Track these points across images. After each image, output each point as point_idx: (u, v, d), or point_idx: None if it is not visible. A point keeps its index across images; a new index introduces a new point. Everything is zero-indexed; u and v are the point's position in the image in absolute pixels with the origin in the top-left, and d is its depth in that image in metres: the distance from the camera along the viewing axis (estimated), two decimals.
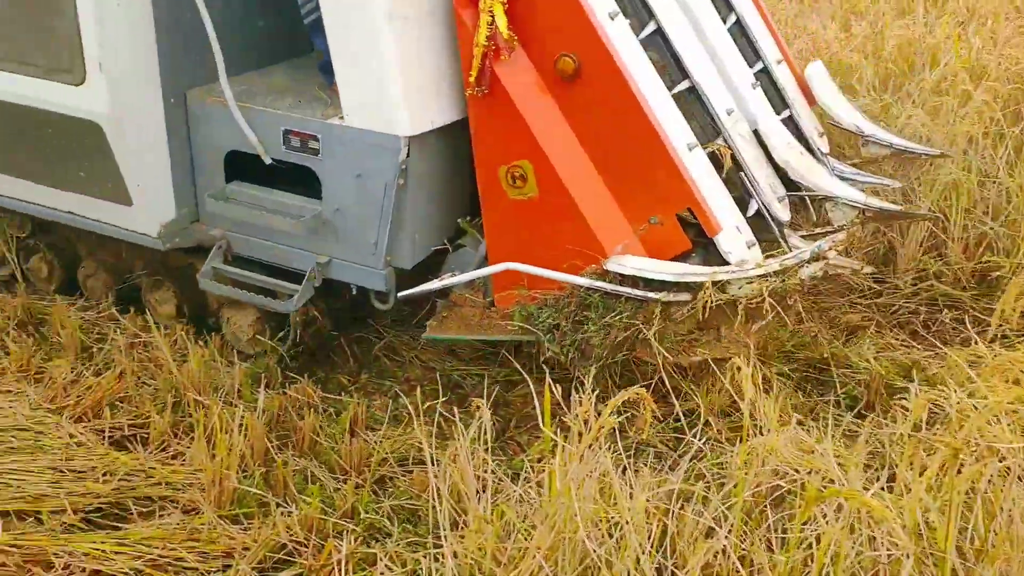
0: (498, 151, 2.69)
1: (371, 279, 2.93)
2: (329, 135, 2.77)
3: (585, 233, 2.63)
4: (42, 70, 2.91)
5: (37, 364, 3.15)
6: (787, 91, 3.24)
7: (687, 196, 2.64)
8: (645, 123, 2.60)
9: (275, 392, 3.05)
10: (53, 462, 2.69)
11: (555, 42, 2.62)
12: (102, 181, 3.01)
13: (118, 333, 3.28)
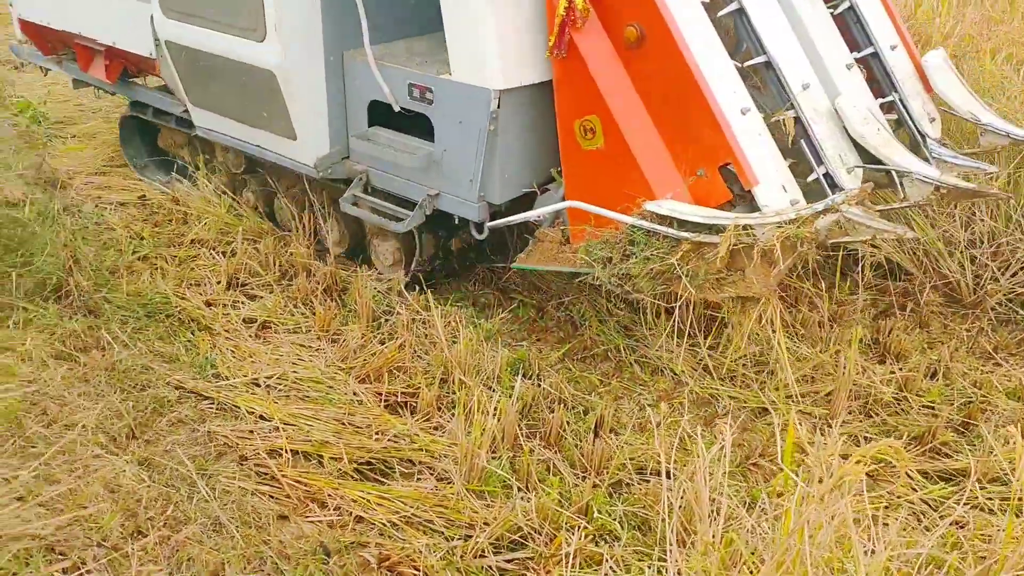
0: (573, 106, 3.08)
1: (467, 210, 3.43)
2: (440, 87, 3.30)
3: (640, 181, 2.97)
4: (237, 30, 3.64)
5: (336, 327, 3.59)
6: (896, 76, 3.45)
7: (727, 151, 2.93)
8: (695, 86, 2.92)
9: (531, 383, 3.24)
10: (337, 415, 3.07)
11: (623, 13, 3.00)
12: (277, 120, 3.72)
13: (403, 308, 3.64)
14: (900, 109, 3.46)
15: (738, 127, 2.96)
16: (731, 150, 2.93)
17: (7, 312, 3.34)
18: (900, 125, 3.49)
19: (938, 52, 3.63)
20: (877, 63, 3.46)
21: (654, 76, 3.01)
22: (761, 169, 2.97)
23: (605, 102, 2.99)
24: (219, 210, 4.36)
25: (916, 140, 3.44)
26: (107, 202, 4.82)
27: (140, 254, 4.17)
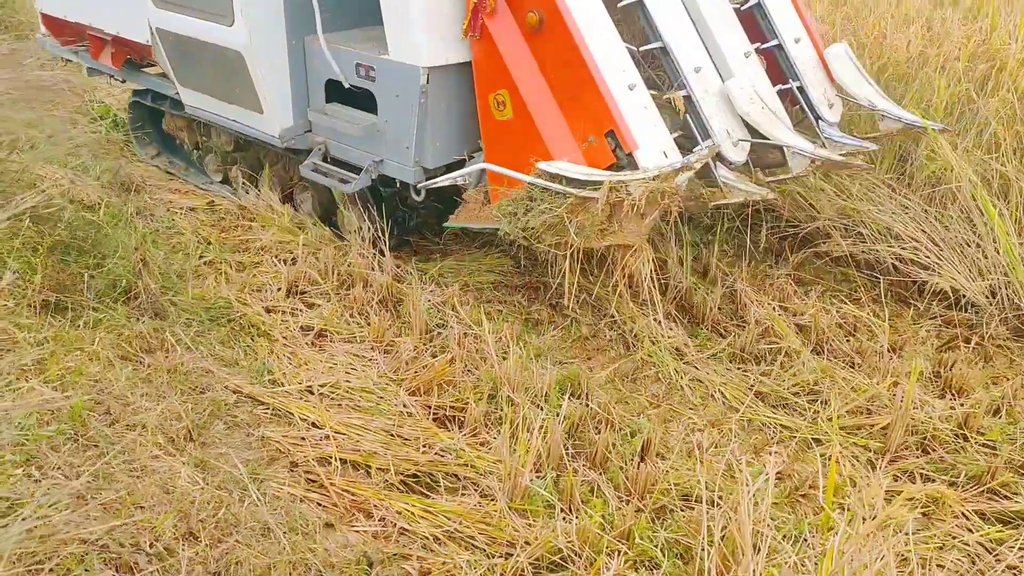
0: (487, 82, 3.56)
1: (406, 174, 3.91)
2: (380, 65, 3.79)
3: (542, 147, 3.42)
4: (211, 15, 4.11)
5: (389, 338, 3.65)
6: (798, 66, 3.87)
7: (610, 120, 3.36)
8: (583, 65, 3.35)
9: (579, 402, 3.25)
10: (386, 425, 3.13)
11: (525, 1, 3.43)
12: (246, 95, 4.21)
13: (455, 322, 3.68)
14: (799, 95, 3.89)
15: (622, 100, 3.39)
16: (613, 119, 3.37)
17: (78, 312, 3.48)
18: (800, 107, 3.93)
19: (840, 45, 4.04)
20: (781, 54, 3.90)
21: (552, 56, 3.46)
22: (641, 136, 3.38)
23: (512, 78, 3.49)
24: (282, 219, 4.47)
25: (815, 121, 3.89)
26: (178, 207, 4.99)
27: (207, 259, 4.30)
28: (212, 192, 5.18)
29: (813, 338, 3.66)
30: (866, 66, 4.67)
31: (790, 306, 3.91)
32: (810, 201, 4.42)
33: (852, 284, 4.23)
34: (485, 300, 4.04)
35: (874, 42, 4.81)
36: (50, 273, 3.48)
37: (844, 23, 5.32)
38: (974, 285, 3.83)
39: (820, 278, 4.29)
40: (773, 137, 3.62)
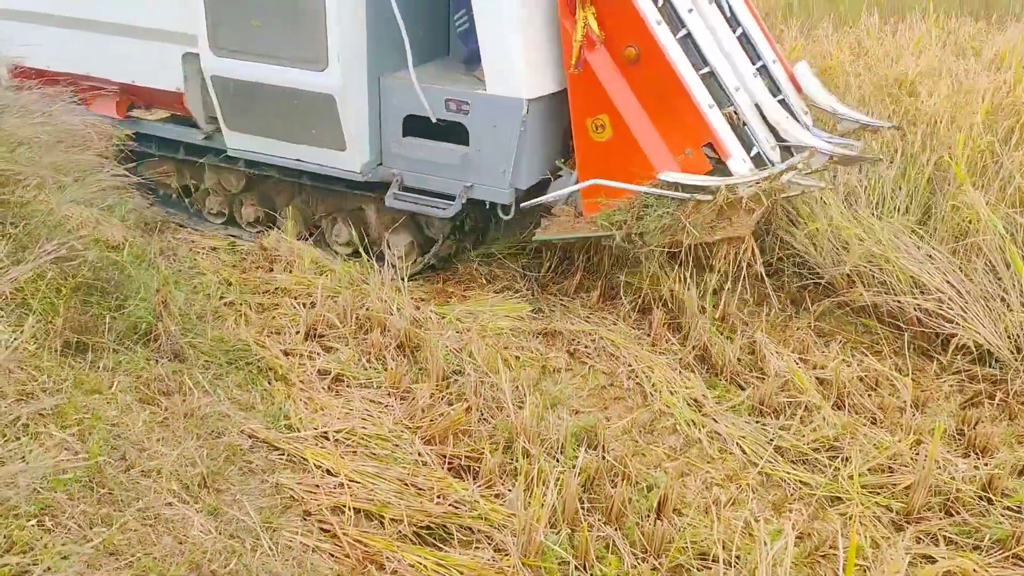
0: (586, 108, 3.99)
1: (500, 196, 4.25)
2: (476, 100, 4.13)
3: (644, 161, 3.92)
4: (298, 61, 4.32)
5: (406, 384, 3.64)
6: (780, 81, 4.40)
7: (708, 133, 3.94)
8: (681, 89, 3.92)
9: (595, 454, 3.22)
10: (401, 474, 3.11)
11: (623, 37, 3.92)
12: (327, 135, 4.43)
13: (472, 369, 3.68)
14: (786, 105, 4.41)
15: (712, 116, 3.96)
16: (712, 132, 3.94)
17: (99, 354, 3.50)
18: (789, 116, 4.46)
19: (802, 63, 4.64)
20: (765, 72, 4.40)
21: (648, 82, 3.96)
22: (731, 146, 3.98)
23: (613, 103, 3.94)
24: (302, 261, 4.50)
25: (803, 125, 4.42)
26: (200, 247, 5.05)
27: (227, 300, 4.33)
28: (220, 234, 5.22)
29: (834, 392, 3.61)
30: (890, 115, 4.67)
31: (810, 358, 3.87)
32: (835, 245, 4.40)
33: (874, 336, 4.18)
34: (502, 346, 4.03)
35: (899, 91, 4.81)
36: (72, 315, 3.51)
37: (865, 72, 5.33)
38: (999, 340, 3.77)
39: (841, 328, 4.25)
40: (799, 142, 4.19)
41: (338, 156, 4.49)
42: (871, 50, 5.91)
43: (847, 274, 4.29)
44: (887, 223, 4.26)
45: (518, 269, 4.78)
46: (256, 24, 4.42)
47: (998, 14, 9.46)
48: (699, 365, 3.89)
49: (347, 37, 4.19)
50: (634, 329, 4.23)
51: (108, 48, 5.03)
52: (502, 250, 4.97)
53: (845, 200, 4.53)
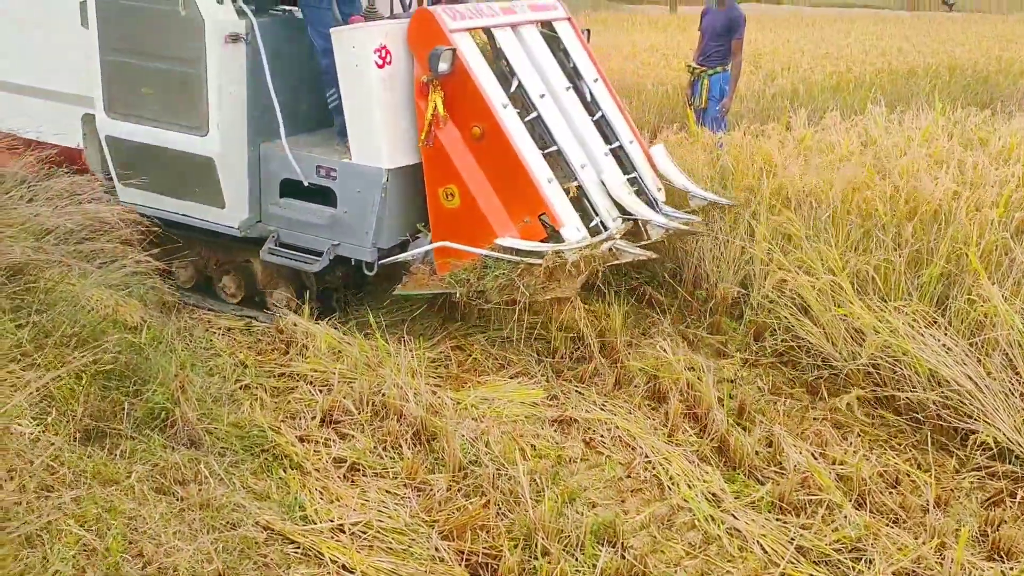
0: (438, 178, 4.49)
1: (364, 254, 4.71)
2: (343, 168, 4.65)
3: (486, 227, 4.40)
4: (182, 127, 4.80)
5: (422, 475, 3.62)
6: (635, 161, 5.09)
7: (542, 205, 4.42)
8: (520, 165, 4.41)
9: (615, 552, 3.18)
10: (418, 571, 3.07)
11: (470, 118, 4.46)
12: (207, 193, 4.88)
13: (489, 460, 3.65)
14: (640, 182, 5.05)
15: (547, 190, 4.45)
16: (546, 204, 4.41)
17: (116, 440, 3.50)
18: (641, 192, 5.05)
19: (659, 146, 5.41)
20: (622, 152, 5.07)
21: (492, 158, 4.45)
22: (564, 217, 4.45)
23: (461, 176, 4.43)
24: (318, 344, 4.52)
25: (651, 201, 5.04)
26: (217, 327, 5.07)
27: (242, 383, 4.34)
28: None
29: (855, 489, 3.58)
30: (899, 209, 4.74)
31: (829, 453, 3.85)
32: (851, 335, 4.41)
33: (891, 428, 4.16)
34: (518, 434, 4.02)
35: (907, 184, 4.88)
36: (92, 401, 3.52)
37: (875, 162, 5.42)
38: (1019, 437, 3.75)
39: (858, 420, 4.23)
40: (639, 215, 4.79)
41: (219, 213, 4.94)
42: (879, 139, 6.02)
43: (860, 367, 4.29)
44: (902, 313, 4.27)
45: (532, 354, 4.78)
46: (147, 91, 4.92)
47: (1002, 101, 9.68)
48: (717, 457, 3.87)
49: (226, 107, 4.68)
50: (649, 419, 4.22)
51: (17, 107, 5.48)
52: (516, 335, 4.99)
53: (857, 288, 4.56)
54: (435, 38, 4.41)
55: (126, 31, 4.89)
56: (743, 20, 7.91)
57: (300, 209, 4.85)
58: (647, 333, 5.10)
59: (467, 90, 4.43)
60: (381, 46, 4.42)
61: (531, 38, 4.97)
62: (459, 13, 4.59)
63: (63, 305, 3.61)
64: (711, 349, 4.95)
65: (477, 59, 4.53)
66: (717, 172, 5.76)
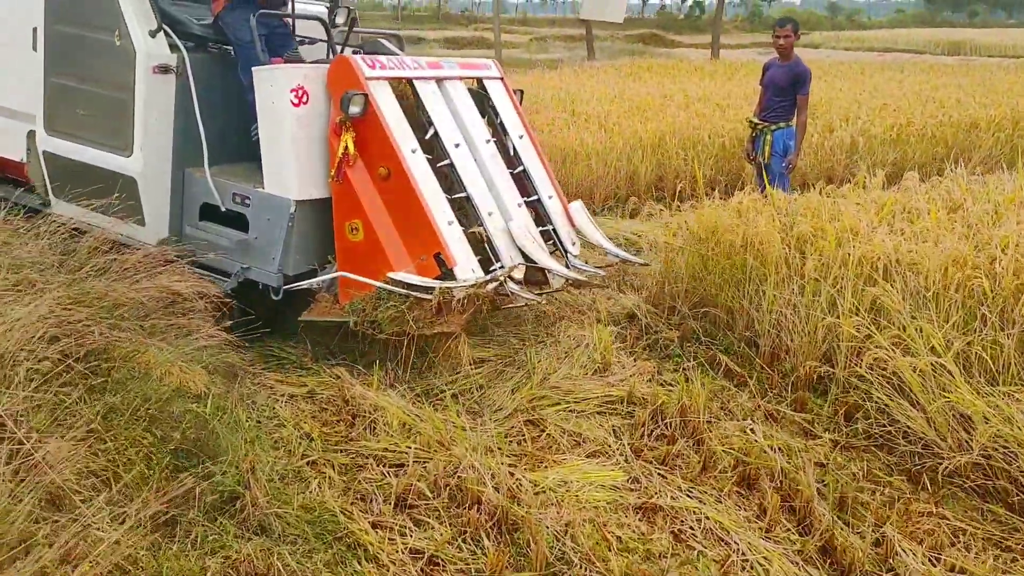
0: (344, 213, 4.80)
1: (270, 279, 4.98)
2: (255, 196, 4.98)
3: (385, 262, 4.70)
4: (108, 146, 5.26)
5: (508, 574, 3.38)
6: (552, 214, 5.51)
7: (437, 245, 4.69)
8: (420, 206, 4.71)
9: None
10: None
11: (377, 159, 4.76)
12: (132, 211, 5.16)
13: (577, 558, 3.41)
14: (553, 235, 5.48)
15: (445, 231, 4.73)
16: (441, 244, 4.68)
17: (187, 528, 3.32)
18: (554, 245, 5.48)
19: (578, 202, 5.78)
20: (541, 206, 5.50)
21: (396, 198, 4.75)
22: (458, 257, 4.72)
23: (365, 212, 4.72)
24: (389, 419, 4.33)
25: (562, 253, 5.47)
26: (279, 393, 4.90)
27: (309, 459, 4.15)
28: (311, 377, 5.09)
29: None
30: (1005, 284, 4.47)
31: (948, 556, 3.55)
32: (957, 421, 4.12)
33: (1005, 527, 3.85)
34: (602, 523, 3.77)
35: (1010, 257, 4.60)
36: (162, 485, 3.35)
37: (965, 230, 5.16)
38: None
39: (966, 514, 3.92)
40: (540, 263, 5.11)
41: (139, 230, 5.29)
42: (964, 203, 5.77)
43: (970, 460, 3.99)
44: (1014, 399, 3.99)
45: (609, 430, 4.55)
46: (83, 112, 5.42)
47: None
48: (821, 558, 3.59)
49: (152, 131, 5.10)
50: (741, 508, 3.95)
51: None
52: (589, 407, 4.77)
53: (963, 369, 4.28)
54: (350, 83, 4.74)
55: (69, 56, 5.43)
56: (809, 75, 7.73)
57: (215, 232, 5.20)
58: (726, 407, 4.86)
59: (376, 133, 4.76)
60: (298, 86, 4.79)
61: (456, 93, 5.33)
62: (380, 63, 4.96)
63: (134, 383, 3.45)
64: (797, 428, 4.67)
65: (389, 105, 4.86)
66: (793, 237, 5.55)
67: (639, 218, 9.28)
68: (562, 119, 10.61)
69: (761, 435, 4.38)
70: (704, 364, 5.32)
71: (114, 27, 5.20)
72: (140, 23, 5.12)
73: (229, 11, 5.43)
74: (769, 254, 5.43)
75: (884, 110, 11.89)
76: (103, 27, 5.26)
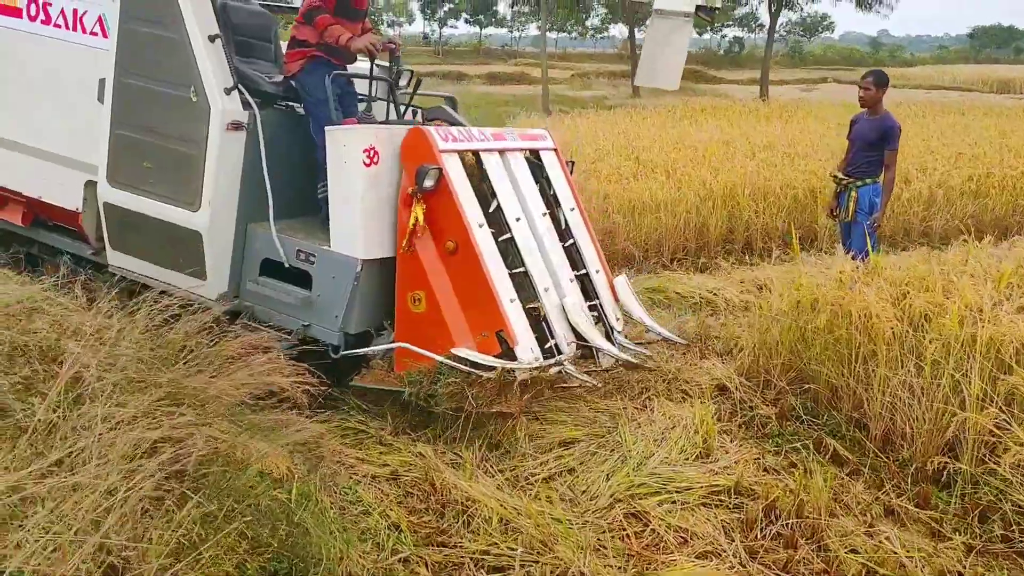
0: (408, 283, 4.75)
1: (331, 337, 4.92)
2: (321, 253, 4.93)
3: (447, 336, 4.60)
4: (176, 201, 5.19)
5: None
6: (598, 289, 5.41)
7: (501, 323, 4.61)
8: (485, 282, 4.65)
9: None
10: None
11: (446, 232, 4.73)
12: (192, 265, 5.17)
13: None
14: (600, 310, 5.39)
15: (508, 309, 4.68)
16: (504, 322, 4.62)
17: None
18: (600, 320, 5.39)
19: (622, 277, 5.76)
20: (588, 280, 5.41)
21: (461, 272, 4.71)
22: (519, 336, 4.65)
23: (430, 284, 4.68)
24: (489, 516, 4.02)
25: (608, 330, 5.37)
26: (360, 473, 4.61)
27: (400, 555, 3.85)
28: (393, 456, 4.81)
29: None
30: None
31: None
32: None
33: None
34: None
35: None
36: None
37: None
38: None
39: None
40: (593, 342, 5.01)
41: (199, 284, 5.21)
42: None
43: None
44: None
45: (718, 526, 4.20)
46: (147, 165, 5.35)
47: None
48: None
49: (220, 187, 5.05)
50: None
51: (25, 165, 6.01)
52: (693, 498, 4.42)
53: None
54: (425, 156, 4.75)
55: (138, 109, 5.37)
56: (898, 130, 7.38)
57: (277, 288, 5.14)
58: (839, 498, 4.48)
59: (447, 207, 4.75)
60: (370, 147, 4.77)
61: (516, 164, 5.33)
62: (452, 135, 4.96)
63: (228, 483, 3.19)
64: (923, 528, 4.29)
65: (460, 180, 4.84)
66: (905, 312, 5.16)
67: (710, 273, 8.95)
68: (627, 167, 10.34)
69: (890, 537, 4.00)
70: (810, 448, 4.96)
71: (190, 83, 5.15)
72: (217, 81, 5.11)
73: (305, 71, 5.44)
74: (879, 329, 5.06)
75: (960, 159, 11.46)
76: (178, 83, 5.22)
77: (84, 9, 5.79)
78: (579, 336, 5.02)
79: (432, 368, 4.56)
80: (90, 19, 5.77)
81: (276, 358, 3.89)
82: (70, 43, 5.85)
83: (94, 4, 5.75)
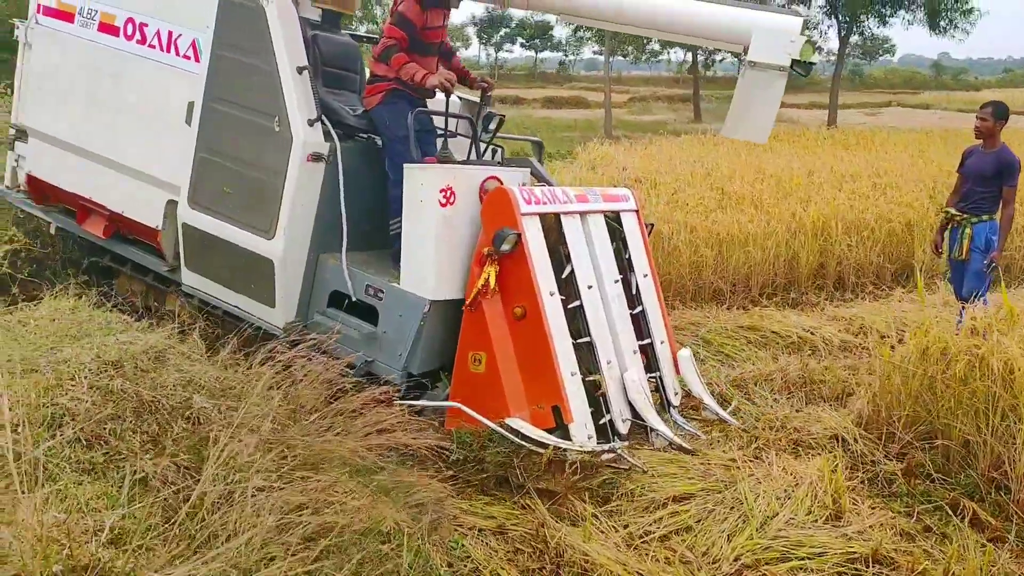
0: (471, 342, 4.69)
1: (393, 374, 4.85)
2: (390, 291, 4.90)
3: (502, 402, 4.61)
4: (252, 228, 5.25)
5: None
6: (661, 361, 5.40)
7: (558, 397, 4.63)
8: (549, 354, 4.63)
9: None
10: None
11: (516, 297, 4.70)
12: (262, 291, 5.23)
13: None
14: (660, 382, 5.33)
15: (567, 384, 4.59)
16: (562, 398, 4.55)
17: None
18: (658, 391, 5.31)
19: (686, 350, 5.64)
20: (652, 351, 5.34)
21: (526, 339, 4.63)
22: (576, 413, 4.58)
23: (492, 347, 4.60)
24: None
25: (665, 404, 5.29)
26: (466, 526, 4.35)
27: None
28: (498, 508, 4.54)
29: None
30: None
31: None
32: None
33: None
34: None
35: None
36: None
37: None
38: None
39: None
40: (648, 422, 4.93)
41: (268, 311, 5.24)
42: None
43: None
44: None
45: None
46: (227, 190, 5.38)
47: None
48: None
49: (297, 216, 5.06)
50: None
51: (111, 180, 6.07)
52: (827, 565, 4.07)
53: None
54: (506, 218, 4.67)
55: (223, 135, 5.41)
56: (1018, 165, 6.95)
57: (343, 321, 5.11)
58: (985, 569, 4.09)
59: (521, 272, 4.68)
60: (447, 187, 4.74)
61: (596, 226, 5.23)
62: (535, 197, 4.86)
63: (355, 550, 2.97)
64: None
65: (538, 246, 4.77)
66: None
67: (802, 309, 8.57)
68: (710, 197, 10.03)
69: None
70: (945, 510, 4.57)
71: (275, 113, 5.16)
72: (301, 111, 5.10)
73: (386, 106, 5.39)
74: (1020, 383, 4.67)
75: None
76: (264, 112, 5.23)
77: (179, 32, 5.81)
78: (635, 413, 4.95)
79: (483, 432, 4.51)
80: (184, 42, 5.79)
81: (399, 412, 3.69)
82: (163, 64, 5.88)
83: (189, 28, 5.76)
